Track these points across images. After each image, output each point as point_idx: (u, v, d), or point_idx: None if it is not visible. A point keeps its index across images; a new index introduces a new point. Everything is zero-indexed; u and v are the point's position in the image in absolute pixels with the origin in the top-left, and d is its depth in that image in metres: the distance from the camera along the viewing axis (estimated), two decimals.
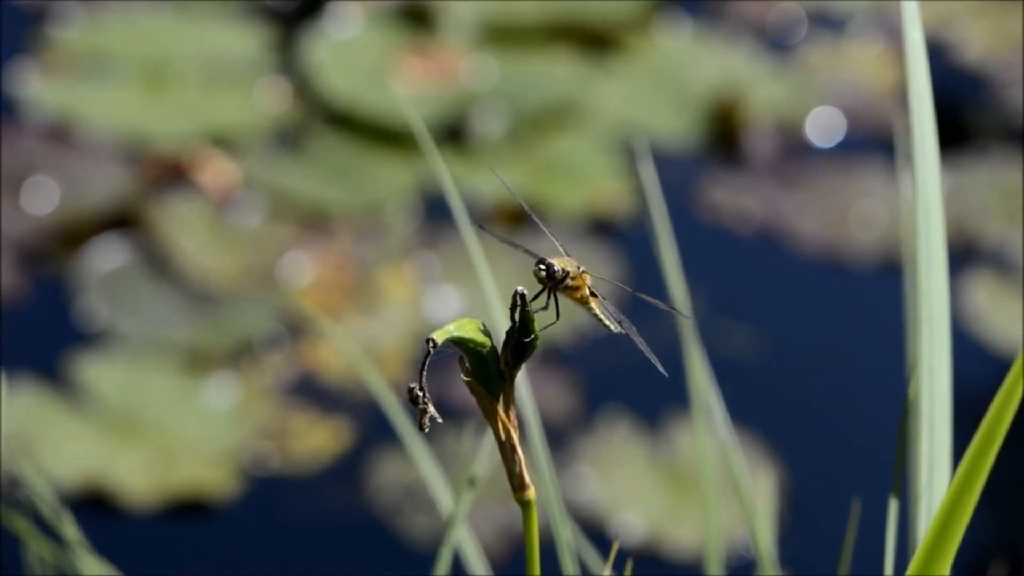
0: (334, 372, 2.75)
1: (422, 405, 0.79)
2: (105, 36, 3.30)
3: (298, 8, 3.46)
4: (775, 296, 3.03)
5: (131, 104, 3.18)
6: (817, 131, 3.31)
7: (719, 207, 3.15)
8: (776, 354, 2.87)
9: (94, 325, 2.80)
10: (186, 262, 2.90)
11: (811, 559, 2.49)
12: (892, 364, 2.74)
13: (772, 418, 2.73)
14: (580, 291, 0.83)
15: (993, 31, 3.54)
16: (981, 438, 0.73)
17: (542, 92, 3.27)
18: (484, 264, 1.04)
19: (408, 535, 2.54)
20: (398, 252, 2.94)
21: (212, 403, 2.68)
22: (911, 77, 0.92)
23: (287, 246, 2.94)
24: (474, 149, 3.17)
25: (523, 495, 0.81)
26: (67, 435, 2.62)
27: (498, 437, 0.80)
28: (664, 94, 3.34)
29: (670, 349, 1.27)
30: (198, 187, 3.05)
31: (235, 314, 2.81)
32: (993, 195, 3.16)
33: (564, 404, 2.72)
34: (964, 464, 0.74)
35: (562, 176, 3.13)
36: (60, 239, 2.94)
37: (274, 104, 3.22)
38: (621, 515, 2.59)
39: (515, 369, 0.80)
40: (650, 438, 2.68)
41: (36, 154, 3.06)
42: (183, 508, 2.58)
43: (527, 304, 0.79)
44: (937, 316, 0.87)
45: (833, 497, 2.61)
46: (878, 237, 3.10)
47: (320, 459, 2.63)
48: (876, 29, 3.56)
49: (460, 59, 3.32)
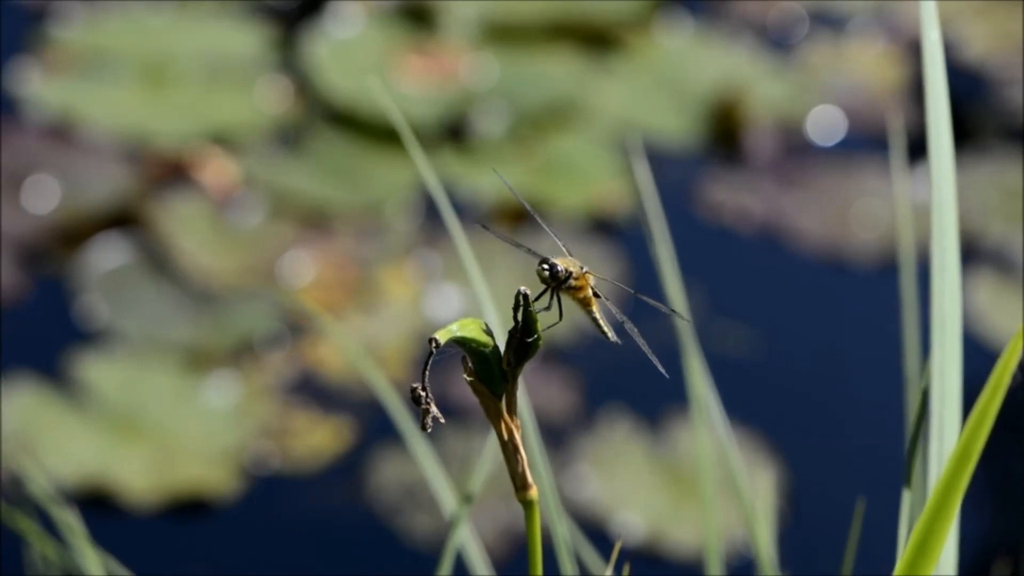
0: (335, 371, 2.75)
1: (424, 405, 0.79)
2: (106, 35, 3.30)
3: (299, 7, 3.46)
4: (775, 295, 3.03)
5: (132, 103, 3.18)
6: (818, 130, 3.31)
7: (720, 206, 3.15)
8: (776, 353, 2.87)
9: (95, 324, 2.80)
10: (187, 261, 2.90)
11: (811, 558, 2.49)
12: (892, 363, 2.74)
13: (772, 417, 2.73)
14: (583, 291, 0.83)
15: (994, 30, 3.54)
16: (967, 435, 0.73)
17: (543, 91, 3.27)
18: (475, 265, 1.04)
19: (409, 535, 2.54)
20: (399, 251, 2.94)
21: (213, 402, 2.68)
22: (928, 77, 0.92)
23: (288, 245, 2.94)
24: (475, 148, 3.17)
25: (525, 495, 0.81)
26: (68, 434, 2.62)
27: (500, 437, 0.80)
28: (665, 93, 3.34)
29: (670, 348, 1.27)
30: (199, 186, 3.05)
31: (236, 313, 2.81)
32: (994, 194, 3.16)
33: (565, 403, 2.72)
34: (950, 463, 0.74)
35: (563, 175, 3.13)
36: (60, 238, 2.94)
37: (275, 103, 3.22)
38: (621, 514, 2.59)
39: (518, 369, 0.80)
40: (650, 437, 2.68)
41: (37, 153, 3.06)
42: (184, 507, 2.58)
43: (530, 304, 0.79)
44: (949, 317, 0.88)
45: (833, 496, 2.61)
46: (879, 236, 3.10)
47: (321, 458, 2.63)
48: (877, 28, 3.56)
49: (461, 58, 3.32)
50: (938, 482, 0.75)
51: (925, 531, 0.76)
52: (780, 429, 2.70)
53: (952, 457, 0.74)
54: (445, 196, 1.08)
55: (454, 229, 1.06)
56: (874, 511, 1.63)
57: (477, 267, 1.04)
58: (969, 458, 0.74)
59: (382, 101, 3.09)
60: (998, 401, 0.73)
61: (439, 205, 1.07)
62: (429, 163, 1.04)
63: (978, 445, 0.73)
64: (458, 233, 1.06)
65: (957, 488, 0.74)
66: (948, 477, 0.74)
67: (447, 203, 1.08)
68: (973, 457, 0.74)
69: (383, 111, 3.16)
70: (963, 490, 0.75)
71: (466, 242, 1.05)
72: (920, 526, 0.76)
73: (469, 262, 1.04)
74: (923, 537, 0.76)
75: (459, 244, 1.04)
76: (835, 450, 2.73)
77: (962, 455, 0.74)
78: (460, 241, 1.05)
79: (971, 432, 0.73)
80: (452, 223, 1.06)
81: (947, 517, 0.75)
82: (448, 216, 1.06)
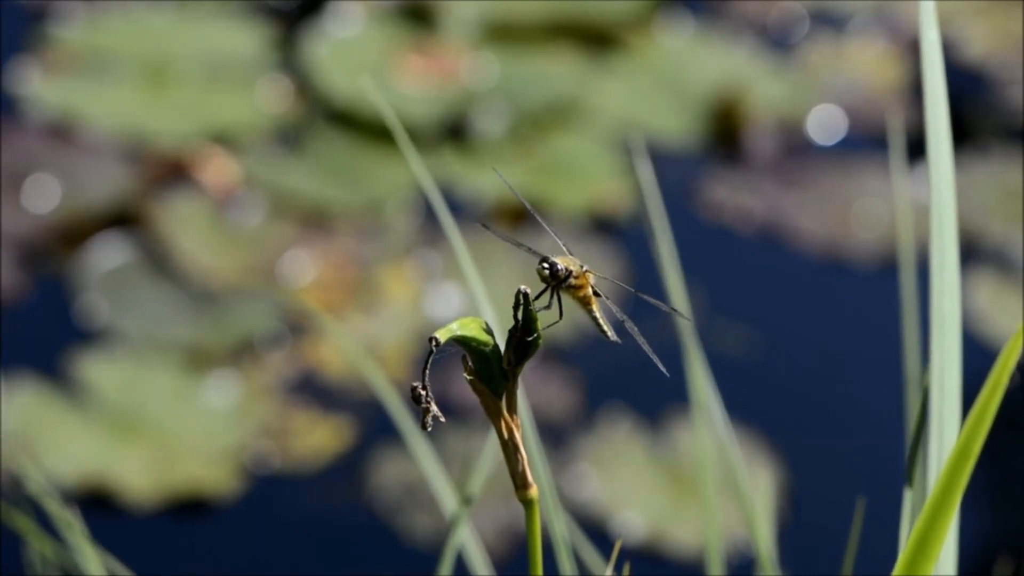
0: (335, 371, 2.75)
1: (425, 404, 0.79)
2: (106, 35, 3.30)
3: (299, 7, 3.46)
4: (775, 295, 3.03)
5: (132, 102, 3.18)
6: (818, 130, 3.31)
7: (720, 205, 3.15)
8: (776, 352, 2.87)
9: (95, 323, 2.80)
10: (187, 261, 2.90)
11: (811, 558, 2.49)
12: (892, 363, 2.74)
13: (772, 416, 2.73)
14: (583, 290, 0.83)
15: (994, 30, 3.54)
16: (966, 433, 0.73)
17: (543, 91, 3.27)
18: (473, 264, 1.04)
19: (409, 534, 2.54)
20: (399, 250, 2.94)
21: (213, 401, 2.68)
22: (927, 77, 0.92)
23: (288, 245, 2.94)
24: (475, 148, 3.17)
25: (526, 494, 0.81)
26: (68, 434, 2.62)
27: (500, 436, 0.80)
28: (665, 93, 3.34)
29: (671, 348, 1.27)
30: (199, 186, 3.05)
31: (236, 313, 2.81)
32: (994, 194, 3.16)
33: (565, 402, 2.72)
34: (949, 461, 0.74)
35: (563, 174, 3.13)
36: (61, 237, 2.94)
37: (275, 103, 3.22)
38: (621, 513, 2.59)
39: (518, 368, 0.80)
40: (651, 436, 2.68)
41: (37, 152, 3.06)
42: (184, 506, 2.58)
43: (530, 303, 0.79)
44: (948, 317, 0.88)
45: (834, 496, 2.61)
46: (879, 235, 3.10)
47: (321, 458, 2.63)
48: (877, 28, 3.56)
49: (461, 58, 3.32)
50: (938, 481, 0.75)
51: (924, 530, 0.76)
52: (780, 429, 2.70)
53: (951, 456, 0.74)
54: (443, 196, 1.08)
55: (450, 229, 1.06)
56: (874, 511, 1.63)
57: (476, 267, 1.04)
58: (968, 457, 0.74)
59: (376, 100, 3.09)
60: (997, 400, 0.73)
61: (434, 206, 1.07)
62: (429, 163, 1.04)
63: (977, 444, 0.73)
64: (454, 233, 1.06)
65: (956, 487, 0.74)
66: (947, 476, 0.74)
67: (443, 203, 1.08)
68: (972, 456, 0.74)
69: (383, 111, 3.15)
70: (963, 489, 0.75)
71: (464, 242, 1.05)
72: (920, 525, 0.76)
73: (466, 262, 1.04)
74: (922, 536, 0.76)
75: (456, 244, 1.04)
76: (835, 450, 2.73)
77: (961, 454, 0.74)
78: (457, 241, 1.05)
79: (970, 431, 0.73)
80: (448, 223, 1.06)
81: (946, 516, 0.75)
82: (444, 216, 1.06)
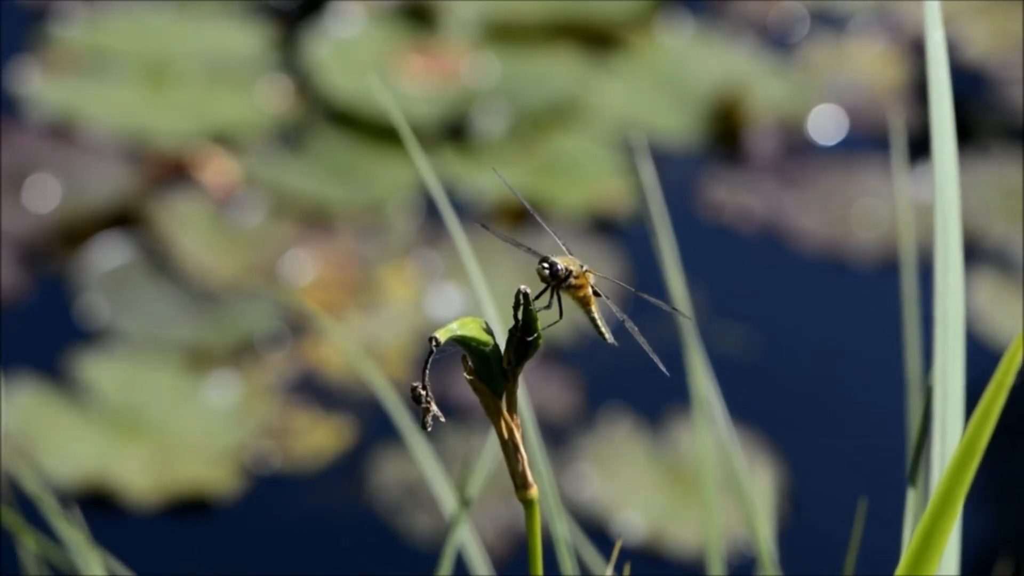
0: (335, 371, 2.74)
1: (425, 404, 0.79)
2: (106, 34, 3.30)
3: (299, 7, 3.46)
4: (776, 294, 3.03)
5: (132, 102, 3.18)
6: (819, 129, 3.31)
7: (721, 205, 3.14)
8: (777, 352, 2.87)
9: (95, 323, 2.80)
10: (187, 260, 2.90)
11: (812, 558, 2.49)
12: (893, 363, 2.74)
13: (773, 416, 2.73)
14: (583, 290, 0.83)
15: (994, 30, 3.54)
16: (970, 434, 0.73)
17: (544, 90, 3.27)
18: (475, 264, 1.03)
19: (409, 534, 2.54)
20: (400, 250, 2.94)
21: (213, 401, 2.68)
22: (932, 77, 0.92)
23: (288, 244, 2.94)
24: (476, 147, 3.17)
25: (526, 494, 0.81)
26: (68, 433, 2.62)
27: (501, 436, 0.80)
28: (666, 92, 3.34)
29: (671, 347, 1.27)
30: (199, 185, 3.05)
31: (236, 312, 2.81)
32: (994, 194, 3.16)
33: (565, 402, 2.72)
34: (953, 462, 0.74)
35: (563, 174, 3.13)
36: (61, 237, 2.94)
37: (275, 102, 3.22)
38: (622, 513, 2.59)
39: (518, 368, 0.80)
40: (651, 436, 2.68)
41: (37, 152, 3.06)
42: (184, 506, 2.58)
43: (530, 303, 0.79)
44: (952, 316, 0.87)
45: (834, 496, 2.61)
46: (879, 235, 3.10)
47: (321, 458, 2.63)
48: (877, 27, 3.56)
49: (462, 57, 3.32)
50: (941, 482, 0.75)
51: (927, 531, 0.76)
52: (781, 429, 2.70)
53: (955, 457, 0.74)
54: (445, 196, 1.08)
55: (454, 228, 1.06)
56: (875, 511, 1.62)
57: (477, 266, 1.04)
58: (972, 458, 0.74)
59: (382, 99, 3.09)
60: (1001, 401, 0.73)
61: (439, 205, 1.07)
62: (430, 163, 1.04)
63: (981, 445, 0.73)
64: (458, 232, 1.06)
65: (960, 488, 0.74)
66: (951, 477, 0.74)
67: (447, 203, 1.08)
68: (976, 457, 0.74)
69: (384, 110, 3.16)
70: (966, 490, 0.75)
71: (466, 241, 1.05)
72: (922, 526, 0.76)
73: (469, 261, 1.04)
74: (925, 537, 0.76)
75: (459, 243, 1.04)
76: (835, 450, 2.73)
77: (965, 455, 0.74)
78: (460, 240, 1.05)
79: (974, 432, 0.73)
80: (452, 222, 1.06)
81: (950, 517, 0.75)
82: (448, 215, 1.06)
